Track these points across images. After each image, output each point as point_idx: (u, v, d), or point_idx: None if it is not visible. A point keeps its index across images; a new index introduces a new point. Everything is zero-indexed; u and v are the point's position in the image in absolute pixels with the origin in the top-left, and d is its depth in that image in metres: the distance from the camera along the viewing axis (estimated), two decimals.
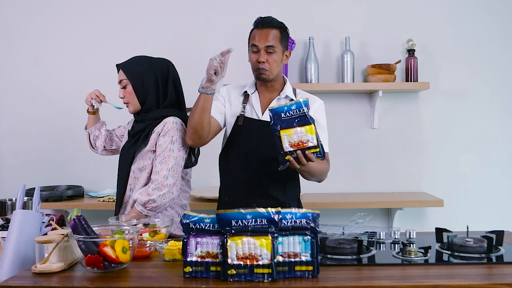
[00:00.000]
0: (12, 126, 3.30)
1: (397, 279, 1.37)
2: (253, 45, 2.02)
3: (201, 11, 3.22)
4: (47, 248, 1.50)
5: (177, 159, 2.00)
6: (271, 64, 2.02)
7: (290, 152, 1.68)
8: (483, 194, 3.17)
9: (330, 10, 3.20)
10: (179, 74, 2.17)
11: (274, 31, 2.02)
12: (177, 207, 2.15)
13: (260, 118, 2.07)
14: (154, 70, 2.07)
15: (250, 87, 2.13)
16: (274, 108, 1.68)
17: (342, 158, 3.18)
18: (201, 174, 3.04)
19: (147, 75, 2.05)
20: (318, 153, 1.69)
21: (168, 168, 1.99)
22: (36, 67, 3.28)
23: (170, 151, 1.99)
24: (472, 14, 3.17)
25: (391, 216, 3.12)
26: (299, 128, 1.65)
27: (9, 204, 2.49)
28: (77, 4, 3.26)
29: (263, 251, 1.33)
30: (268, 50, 2.00)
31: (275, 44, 2.01)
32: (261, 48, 2.00)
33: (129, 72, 2.07)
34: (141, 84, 2.06)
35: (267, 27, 2.02)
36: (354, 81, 3.10)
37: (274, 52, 2.01)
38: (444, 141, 3.20)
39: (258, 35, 2.01)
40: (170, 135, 2.00)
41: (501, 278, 1.37)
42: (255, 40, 2.02)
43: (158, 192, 1.97)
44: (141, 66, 2.07)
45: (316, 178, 2.02)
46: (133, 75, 2.06)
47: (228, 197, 2.12)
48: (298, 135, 1.66)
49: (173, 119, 2.03)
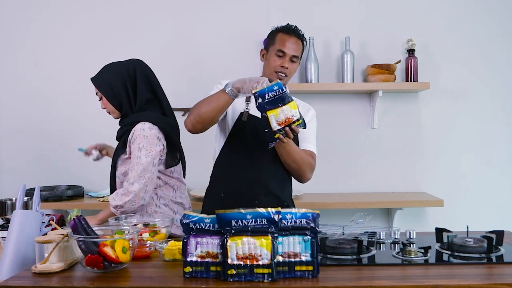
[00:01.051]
0: (12, 126, 3.30)
1: (397, 279, 1.37)
2: (280, 50, 2.07)
3: (201, 11, 3.22)
4: (47, 248, 1.50)
5: (144, 165, 2.01)
6: (290, 72, 2.10)
7: (278, 130, 1.76)
8: (483, 194, 3.17)
9: (330, 10, 3.20)
10: (179, 72, 2.16)
11: (300, 42, 2.11)
12: (172, 204, 2.17)
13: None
14: (120, 74, 2.09)
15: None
16: (258, 90, 1.73)
17: (342, 158, 3.19)
18: (201, 174, 3.04)
19: (114, 81, 2.08)
20: (301, 124, 1.78)
21: (134, 175, 2.01)
22: (36, 67, 3.28)
23: (138, 158, 2.01)
24: (472, 14, 3.18)
25: (391, 216, 3.12)
26: (284, 106, 1.73)
27: (9, 204, 2.49)
28: (77, 4, 3.26)
29: (263, 251, 1.33)
30: (293, 59, 2.08)
31: (299, 55, 2.11)
32: (288, 54, 2.07)
33: (98, 84, 2.11)
34: (112, 92, 2.09)
35: (296, 36, 2.09)
36: (354, 81, 3.10)
37: (295, 62, 2.10)
38: (444, 141, 3.20)
39: (288, 42, 2.07)
40: (138, 143, 2.02)
41: (501, 278, 1.37)
42: (285, 46, 2.07)
43: (125, 198, 2.01)
44: (108, 75, 2.10)
45: (296, 164, 2.05)
46: (102, 86, 2.09)
47: (225, 193, 2.12)
48: (284, 113, 1.73)
49: (140, 125, 2.03)
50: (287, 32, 2.09)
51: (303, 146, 2.13)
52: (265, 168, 2.09)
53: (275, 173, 2.10)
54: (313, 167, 2.13)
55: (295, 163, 2.05)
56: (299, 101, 2.22)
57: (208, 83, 2.23)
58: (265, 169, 2.09)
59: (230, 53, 3.19)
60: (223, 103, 1.90)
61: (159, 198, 2.15)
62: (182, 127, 2.07)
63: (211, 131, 2.29)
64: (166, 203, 2.15)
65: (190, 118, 1.98)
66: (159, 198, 2.15)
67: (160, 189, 2.15)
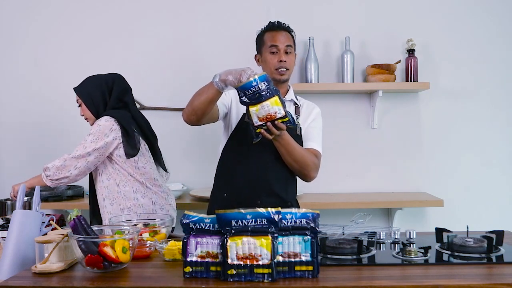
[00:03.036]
0: (12, 126, 3.29)
1: (397, 279, 1.37)
2: (273, 46, 2.09)
3: (201, 11, 3.21)
4: (47, 248, 1.50)
5: (87, 148, 2.18)
6: (290, 63, 2.11)
7: (259, 125, 1.74)
8: (483, 194, 3.17)
9: (330, 10, 3.20)
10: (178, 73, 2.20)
11: (288, 34, 2.13)
12: (152, 195, 2.30)
13: None
14: (101, 86, 2.31)
15: None
16: (240, 85, 1.71)
17: (342, 158, 3.19)
18: (201, 174, 3.05)
19: (94, 92, 2.30)
20: (289, 122, 1.75)
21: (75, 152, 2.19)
22: (36, 67, 3.28)
23: (84, 140, 2.20)
24: (472, 14, 3.17)
25: (391, 216, 3.12)
26: (264, 102, 1.69)
27: (9, 204, 2.49)
28: (77, 4, 3.26)
29: (263, 251, 1.33)
30: (287, 50, 2.09)
31: (292, 45, 2.12)
32: (281, 48, 2.08)
33: (80, 92, 2.32)
34: (91, 100, 2.29)
35: (283, 29, 2.12)
36: (354, 81, 3.10)
37: (291, 52, 2.11)
38: (444, 141, 3.20)
39: (277, 36, 2.10)
40: (90, 129, 2.23)
41: (501, 278, 1.37)
42: (275, 40, 2.09)
43: (56, 162, 2.20)
44: (89, 86, 2.32)
45: (297, 164, 2.04)
46: (84, 94, 2.31)
47: (228, 193, 2.12)
48: (265, 109, 1.70)
49: (101, 118, 2.23)
50: (273, 29, 2.13)
51: (307, 144, 2.13)
52: (268, 168, 2.08)
53: (278, 173, 2.09)
54: (317, 166, 2.11)
55: (296, 162, 2.04)
56: (303, 100, 2.23)
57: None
58: (268, 169, 2.08)
59: (230, 53, 3.18)
60: (212, 95, 1.86)
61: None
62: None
63: (211, 130, 2.30)
64: (143, 196, 2.28)
65: (185, 110, 1.99)
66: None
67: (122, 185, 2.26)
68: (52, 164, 2.21)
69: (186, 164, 3.17)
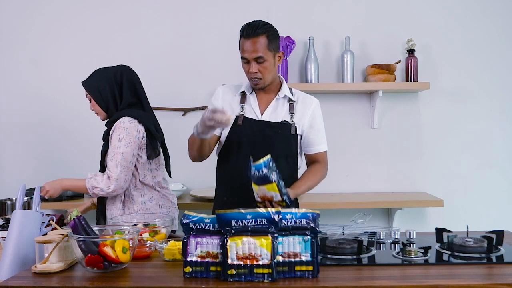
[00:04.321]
0: (13, 126, 3.29)
1: (397, 279, 1.37)
2: (242, 57, 2.00)
3: (201, 11, 3.21)
4: (47, 248, 1.50)
5: (124, 155, 2.10)
6: (263, 72, 1.99)
7: (259, 201, 1.82)
8: (483, 194, 3.17)
9: (330, 10, 3.20)
10: (179, 72, 2.18)
11: (260, 38, 1.95)
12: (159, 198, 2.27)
13: (260, 118, 2.07)
14: (110, 79, 2.22)
15: (248, 88, 2.12)
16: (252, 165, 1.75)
17: (342, 158, 3.18)
18: (201, 174, 3.04)
19: (103, 85, 2.21)
20: (286, 205, 1.79)
21: (115, 164, 2.10)
22: (37, 68, 3.28)
23: (117, 148, 2.10)
24: (472, 14, 3.17)
25: (391, 216, 3.12)
26: (261, 186, 1.76)
27: (9, 204, 2.49)
28: (78, 4, 3.26)
29: (263, 251, 1.33)
30: (258, 61, 1.96)
31: (264, 53, 1.95)
32: (249, 58, 1.96)
33: (88, 87, 2.24)
34: (99, 95, 2.21)
35: (253, 36, 1.94)
36: (354, 81, 3.10)
37: (264, 60, 1.97)
38: (444, 141, 3.20)
39: (245, 46, 1.96)
40: (117, 133, 2.12)
41: (501, 278, 1.37)
42: (244, 51, 1.97)
43: (108, 183, 2.09)
44: (97, 79, 2.24)
45: (315, 186, 2.14)
46: (92, 89, 2.22)
47: (227, 196, 2.12)
48: (262, 192, 1.77)
49: (122, 119, 2.14)
50: (242, 36, 1.98)
51: (315, 149, 2.15)
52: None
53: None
54: (325, 172, 2.19)
55: (312, 188, 2.12)
56: (299, 93, 2.16)
57: (208, 83, 2.24)
58: None
59: (230, 53, 3.17)
60: (199, 142, 1.97)
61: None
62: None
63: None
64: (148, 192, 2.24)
65: (189, 155, 2.11)
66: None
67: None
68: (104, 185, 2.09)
69: (186, 164, 3.17)
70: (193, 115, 3.14)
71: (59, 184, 2.17)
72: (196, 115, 3.06)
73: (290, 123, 2.05)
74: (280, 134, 2.05)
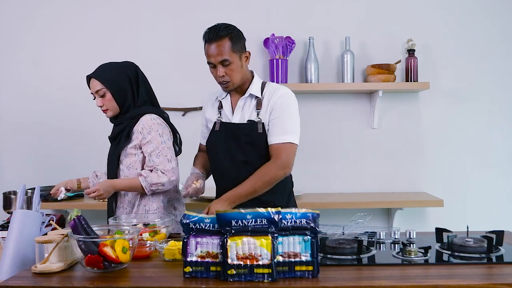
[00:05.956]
0: (13, 126, 3.30)
1: (397, 279, 1.37)
2: (208, 62, 1.99)
3: (202, 12, 3.21)
4: (47, 248, 1.50)
5: (170, 149, 2.12)
6: (231, 75, 1.97)
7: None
8: (483, 194, 3.17)
9: (330, 10, 3.20)
10: (179, 72, 2.17)
11: (223, 41, 1.94)
12: (174, 200, 2.27)
13: (231, 120, 2.07)
14: (126, 73, 2.16)
15: (222, 93, 2.13)
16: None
17: (342, 158, 3.19)
18: None
19: (121, 79, 2.14)
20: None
21: (168, 158, 2.09)
22: (37, 68, 3.28)
23: (163, 143, 2.09)
24: (472, 14, 3.17)
25: (391, 216, 3.12)
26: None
27: (13, 198, 2.48)
28: (78, 5, 3.26)
29: (263, 251, 1.33)
30: (224, 64, 1.95)
31: (228, 55, 1.94)
32: (215, 62, 1.96)
33: (104, 80, 2.12)
34: (118, 89, 2.12)
35: (215, 39, 1.94)
36: (354, 81, 3.10)
37: (230, 63, 1.95)
38: (444, 141, 3.20)
39: (210, 50, 1.96)
40: (155, 130, 2.09)
41: (501, 278, 1.37)
42: (208, 56, 1.97)
43: (167, 177, 2.07)
44: (114, 72, 2.14)
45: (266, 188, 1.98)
46: (109, 82, 2.11)
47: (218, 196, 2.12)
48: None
49: (149, 116, 2.11)
50: (206, 41, 1.98)
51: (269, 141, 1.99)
52: (241, 172, 1.99)
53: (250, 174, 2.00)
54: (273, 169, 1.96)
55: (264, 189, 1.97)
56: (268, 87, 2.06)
57: (208, 83, 2.23)
58: (241, 173, 1.99)
59: None
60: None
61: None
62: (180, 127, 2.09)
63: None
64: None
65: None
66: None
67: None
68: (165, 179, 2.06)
69: (186, 164, 3.17)
70: (193, 115, 3.14)
71: (112, 186, 2.09)
72: (196, 115, 3.06)
73: (256, 121, 2.00)
74: (248, 135, 2.00)
